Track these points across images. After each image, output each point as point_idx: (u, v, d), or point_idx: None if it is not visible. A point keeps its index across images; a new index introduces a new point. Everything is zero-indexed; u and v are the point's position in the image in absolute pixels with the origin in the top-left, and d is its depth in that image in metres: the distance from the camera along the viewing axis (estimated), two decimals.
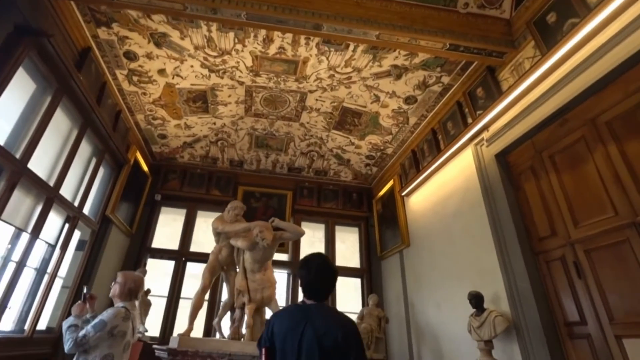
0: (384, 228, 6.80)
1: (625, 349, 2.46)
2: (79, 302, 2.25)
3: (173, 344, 2.52)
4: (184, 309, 6.00)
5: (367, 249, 7.22)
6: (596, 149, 2.80)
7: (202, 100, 5.29)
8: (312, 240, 6.87)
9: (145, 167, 6.28)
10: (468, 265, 4.11)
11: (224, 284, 3.61)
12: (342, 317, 1.63)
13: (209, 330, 5.68)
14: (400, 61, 4.26)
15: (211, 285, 3.40)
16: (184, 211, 6.71)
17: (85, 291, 2.36)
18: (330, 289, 1.72)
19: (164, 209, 6.76)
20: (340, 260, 6.97)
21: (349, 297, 6.99)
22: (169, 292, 5.94)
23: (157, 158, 6.72)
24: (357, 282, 7.09)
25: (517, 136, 3.56)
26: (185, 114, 5.57)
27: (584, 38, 2.83)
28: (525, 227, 3.46)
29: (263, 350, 1.56)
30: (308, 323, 1.54)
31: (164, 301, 5.91)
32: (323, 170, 7.06)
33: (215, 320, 3.46)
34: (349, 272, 6.96)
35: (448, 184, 4.77)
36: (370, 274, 6.99)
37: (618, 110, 2.66)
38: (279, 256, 6.50)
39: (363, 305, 6.71)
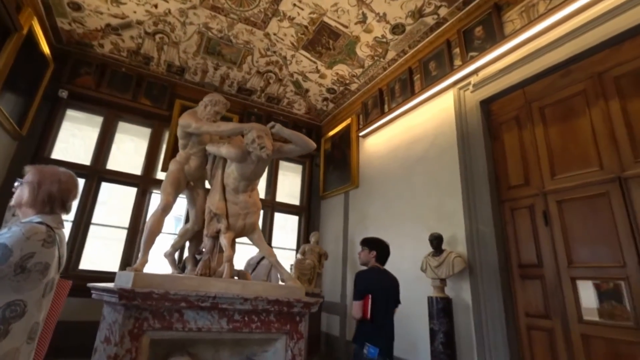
0: (330, 168, 6.46)
1: (577, 289, 2.60)
2: None
3: (123, 282, 1.69)
4: (95, 239, 4.89)
5: (309, 187, 6.88)
6: (596, 104, 2.71)
7: None
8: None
9: (45, 49, 4.53)
10: (426, 209, 4.03)
11: (187, 206, 2.64)
12: (393, 276, 2.76)
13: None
14: None
15: (175, 202, 2.49)
16: (100, 119, 5.22)
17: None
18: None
19: (71, 113, 5.14)
20: (281, 197, 6.52)
21: (285, 233, 6.70)
22: (75, 216, 4.69)
23: (64, 40, 4.91)
24: (294, 219, 6.79)
25: (510, 84, 3.34)
26: None
27: None
28: (496, 175, 3.39)
29: (370, 296, 2.44)
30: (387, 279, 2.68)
31: (67, 227, 4.67)
32: (277, 97, 6.17)
33: (167, 251, 2.61)
34: (288, 209, 6.60)
35: (416, 128, 4.51)
36: (309, 213, 6.73)
37: (632, 67, 2.55)
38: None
39: (299, 242, 6.53)
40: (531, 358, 2.79)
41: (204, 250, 2.29)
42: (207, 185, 2.58)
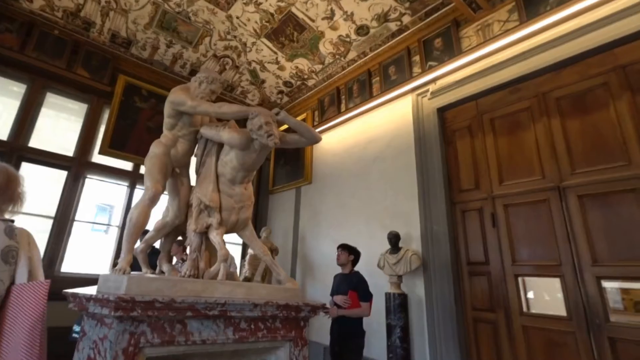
0: (281, 163, 6.19)
1: (519, 284, 2.82)
2: None
3: (112, 288, 1.27)
4: None
5: (258, 182, 6.51)
6: (540, 120, 2.95)
7: None
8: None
9: None
10: (381, 208, 4.05)
11: (169, 196, 2.05)
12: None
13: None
14: None
15: (164, 192, 1.88)
16: (23, 86, 4.15)
17: None
18: None
19: None
20: None
21: None
22: None
23: None
24: None
25: (464, 95, 3.49)
26: None
27: (566, 17, 2.82)
28: (448, 179, 3.53)
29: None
30: None
31: None
32: (231, 84, 5.65)
33: (139, 247, 2.04)
34: None
35: (373, 129, 4.50)
36: (257, 207, 6.37)
37: (570, 90, 2.82)
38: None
39: None
40: (477, 349, 2.95)
41: (187, 247, 1.87)
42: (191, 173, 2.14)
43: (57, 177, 4.27)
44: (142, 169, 4.78)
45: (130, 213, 1.73)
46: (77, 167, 4.27)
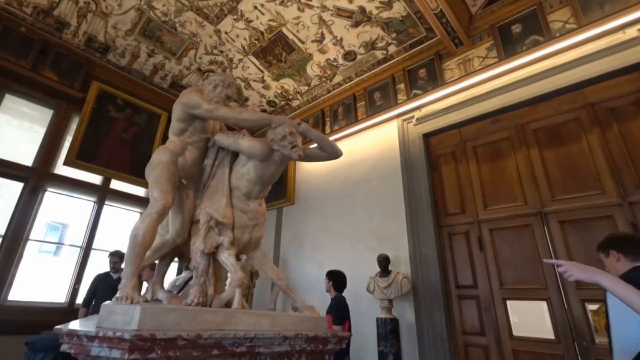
0: None
1: (507, 307, 2.86)
2: None
3: (119, 322, 1.02)
4: None
5: None
6: (520, 149, 3.12)
7: None
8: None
9: None
10: (367, 230, 4.00)
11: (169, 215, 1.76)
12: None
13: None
14: (374, 5, 3.59)
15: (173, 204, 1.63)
16: None
17: None
18: None
19: None
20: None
21: None
22: None
23: None
24: None
25: (448, 123, 3.64)
26: None
27: (540, 57, 3.07)
28: (435, 203, 3.58)
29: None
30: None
31: None
32: None
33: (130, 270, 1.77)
34: None
35: (358, 152, 4.52)
36: None
37: (546, 123, 3.03)
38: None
39: None
40: None
41: (193, 269, 1.61)
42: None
43: (9, 189, 3.74)
44: (112, 185, 4.35)
45: (134, 229, 1.47)
46: (36, 178, 3.78)
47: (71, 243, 4.07)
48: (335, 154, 1.85)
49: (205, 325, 1.12)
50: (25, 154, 3.87)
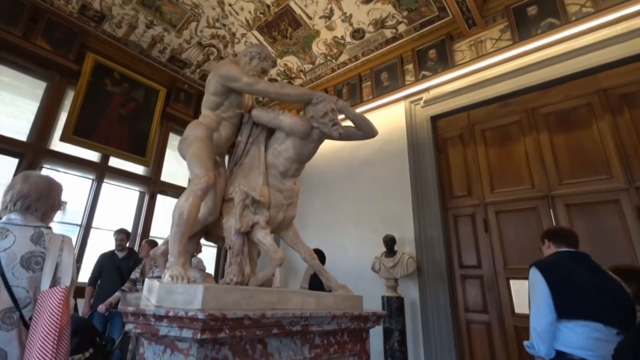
0: None
1: (510, 286, 2.98)
2: None
3: (180, 301, 1.02)
4: None
5: None
6: (529, 134, 3.17)
7: None
8: (181, 161, 5.14)
9: None
10: (372, 212, 4.06)
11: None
12: None
13: None
14: None
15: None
16: None
17: None
18: None
19: None
20: None
21: None
22: None
23: None
24: None
25: (457, 106, 3.65)
26: None
27: (555, 41, 3.07)
28: (441, 185, 3.64)
29: None
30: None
31: None
32: None
33: (160, 249, 1.72)
34: None
35: None
36: None
37: (556, 108, 3.07)
38: (133, 167, 4.50)
39: None
40: (470, 349, 3.06)
41: (227, 249, 1.60)
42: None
43: (3, 165, 3.61)
44: (110, 162, 4.25)
45: (178, 207, 1.43)
46: (32, 154, 3.65)
47: (69, 221, 3.99)
48: (372, 133, 1.83)
49: (261, 305, 1.14)
50: (18, 130, 3.72)
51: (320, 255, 3.23)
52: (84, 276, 3.66)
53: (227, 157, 2.04)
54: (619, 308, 1.58)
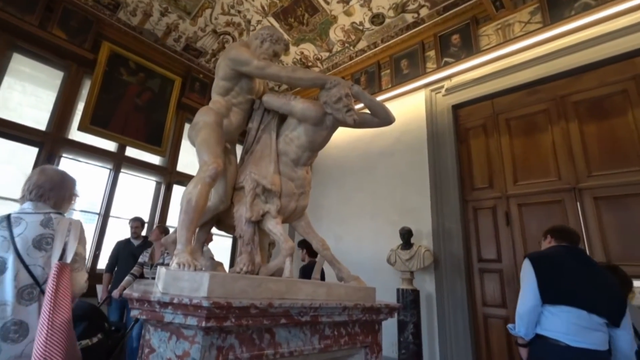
0: None
1: None
2: None
3: (186, 288, 1.02)
4: None
5: None
6: (557, 123, 3.04)
7: None
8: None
9: None
10: (388, 203, 4.02)
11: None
12: None
13: None
14: None
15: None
16: None
17: None
18: None
19: None
20: None
21: None
22: None
23: None
24: None
25: (481, 94, 3.53)
26: None
27: (590, 23, 2.90)
28: (461, 177, 3.56)
29: None
30: None
31: None
32: None
33: (171, 237, 1.74)
34: None
35: None
36: None
37: (589, 95, 2.93)
38: (149, 157, 4.58)
39: None
40: (486, 344, 3.03)
41: (238, 238, 1.62)
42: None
43: (25, 155, 3.72)
44: (127, 152, 4.33)
45: (187, 194, 1.43)
46: (51, 144, 3.76)
47: (88, 209, 4.12)
48: (389, 120, 1.74)
49: (269, 294, 1.14)
50: (39, 120, 3.82)
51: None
52: (102, 263, 3.78)
53: (237, 147, 2.03)
54: (606, 299, 1.61)
